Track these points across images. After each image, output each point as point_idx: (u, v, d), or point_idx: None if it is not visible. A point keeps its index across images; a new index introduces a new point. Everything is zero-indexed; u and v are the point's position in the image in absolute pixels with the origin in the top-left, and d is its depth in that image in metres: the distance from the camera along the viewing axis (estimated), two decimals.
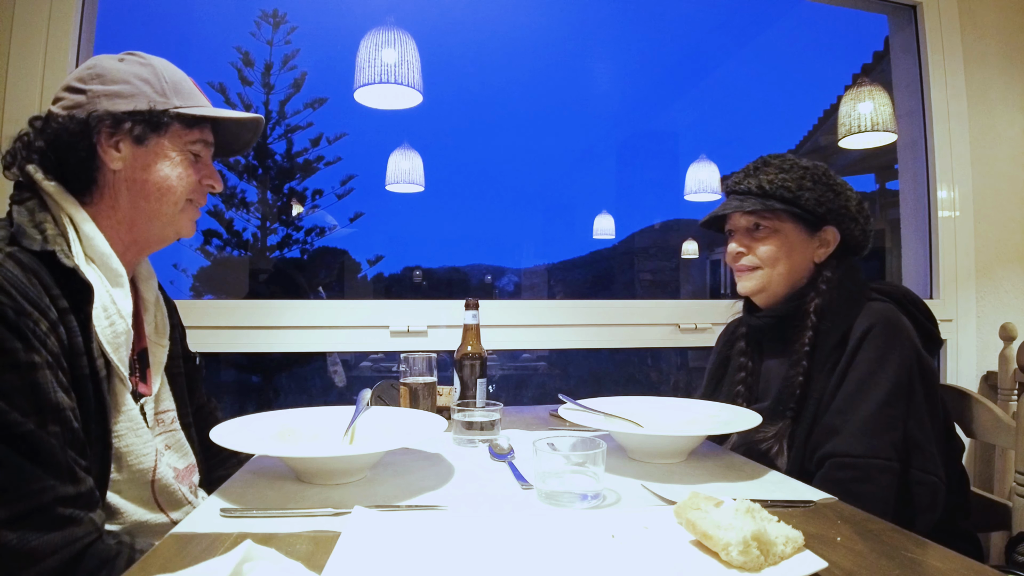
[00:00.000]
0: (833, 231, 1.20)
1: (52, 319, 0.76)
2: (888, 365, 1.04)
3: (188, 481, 1.00)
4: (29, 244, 0.79)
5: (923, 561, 0.62)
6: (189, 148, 0.96)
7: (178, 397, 1.05)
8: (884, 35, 2.47)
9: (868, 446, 0.99)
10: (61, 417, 0.73)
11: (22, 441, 0.69)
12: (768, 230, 1.20)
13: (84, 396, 0.79)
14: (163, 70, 0.94)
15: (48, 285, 0.77)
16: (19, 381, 0.70)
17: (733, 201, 1.23)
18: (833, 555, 0.62)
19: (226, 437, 0.89)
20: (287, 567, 0.55)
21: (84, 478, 0.75)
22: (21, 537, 0.67)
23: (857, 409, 1.02)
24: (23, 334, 0.71)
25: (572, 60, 16.43)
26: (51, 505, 0.70)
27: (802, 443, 1.08)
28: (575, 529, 0.67)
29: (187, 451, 1.03)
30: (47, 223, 0.83)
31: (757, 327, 1.26)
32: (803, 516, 0.75)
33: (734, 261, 1.25)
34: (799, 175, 1.18)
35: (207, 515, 0.73)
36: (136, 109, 0.89)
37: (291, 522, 0.72)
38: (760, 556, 0.57)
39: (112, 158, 0.90)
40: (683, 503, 0.65)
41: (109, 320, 0.85)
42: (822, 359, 1.11)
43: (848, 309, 1.12)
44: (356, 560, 0.58)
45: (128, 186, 0.92)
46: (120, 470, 0.85)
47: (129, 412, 0.87)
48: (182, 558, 0.61)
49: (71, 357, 0.78)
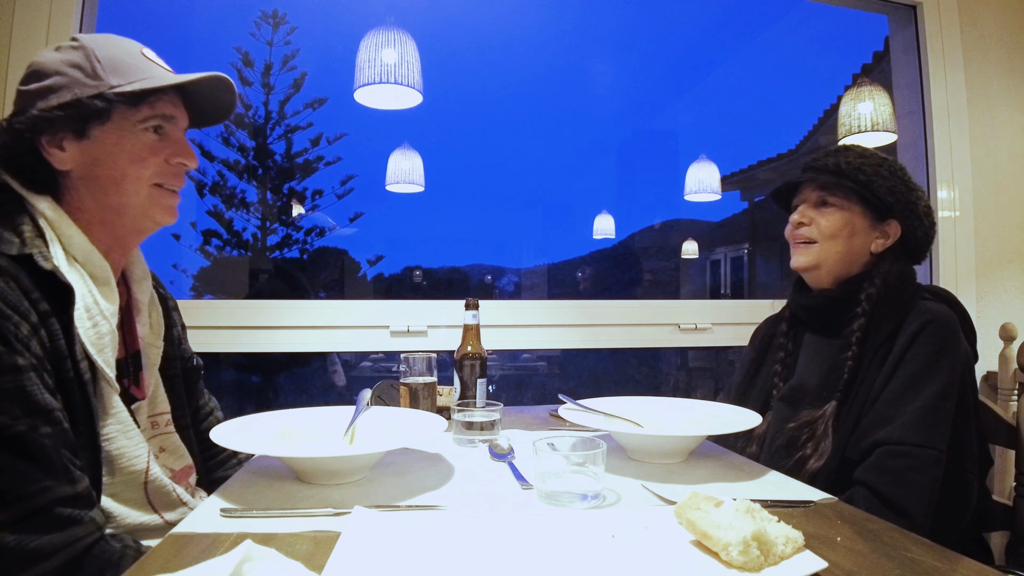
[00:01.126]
0: (896, 225, 1.19)
1: (33, 322, 0.75)
2: (943, 362, 1.03)
3: (184, 483, 0.99)
4: (7, 248, 0.77)
5: (923, 561, 0.62)
6: (143, 127, 0.87)
7: (174, 399, 1.03)
8: (884, 35, 2.47)
9: (925, 436, 0.98)
10: (51, 418, 0.72)
11: (14, 443, 0.69)
12: (834, 207, 1.19)
13: (71, 400, 0.78)
14: (96, 49, 0.85)
15: (28, 289, 0.76)
16: (6, 384, 0.69)
17: (809, 173, 1.22)
18: (833, 555, 0.62)
19: (226, 437, 0.88)
20: (287, 567, 0.55)
21: (80, 477, 0.74)
22: (20, 540, 0.66)
23: (911, 401, 1.02)
24: (5, 337, 0.71)
25: (572, 60, 16.45)
26: (50, 506, 0.70)
27: (849, 429, 1.06)
28: (575, 529, 0.67)
29: (183, 453, 1.01)
30: (25, 225, 0.81)
31: (807, 306, 1.25)
32: (803, 516, 0.75)
33: (794, 230, 1.23)
34: (877, 163, 1.19)
35: (207, 515, 0.73)
36: (64, 102, 0.82)
37: (291, 522, 0.72)
38: (760, 556, 0.57)
39: (58, 159, 0.84)
40: (683, 503, 0.65)
41: (92, 321, 0.83)
42: (872, 349, 1.10)
43: (901, 304, 1.12)
44: (356, 560, 0.58)
45: (85, 184, 0.86)
46: (112, 473, 0.84)
47: (118, 415, 0.85)
48: (182, 558, 0.61)
49: (55, 360, 0.77)
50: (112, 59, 0.85)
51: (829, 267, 1.20)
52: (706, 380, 5.39)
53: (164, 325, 1.02)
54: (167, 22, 5.20)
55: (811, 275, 1.24)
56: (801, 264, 1.23)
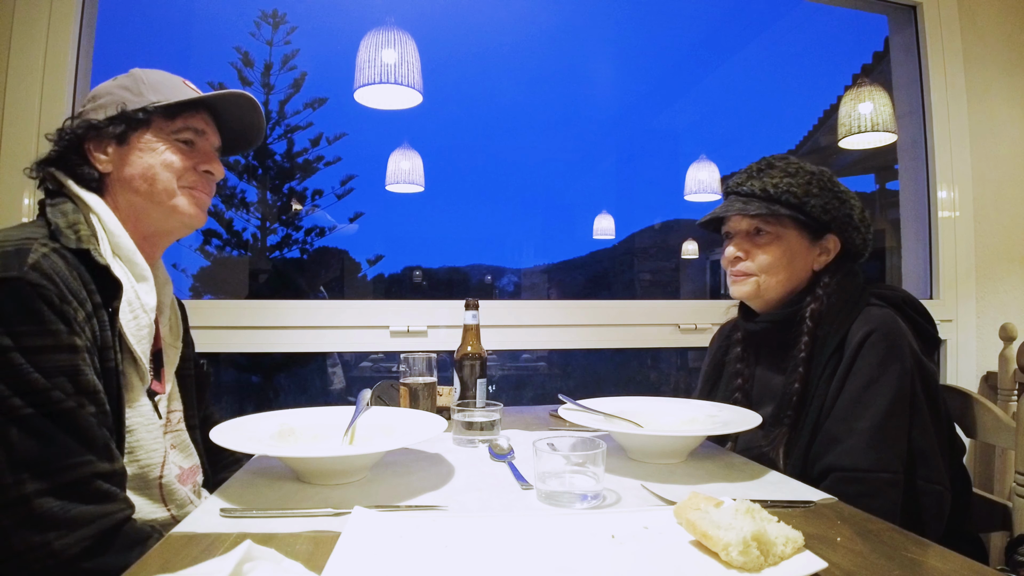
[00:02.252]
0: (835, 239, 1.17)
1: (88, 311, 0.82)
2: (889, 374, 1.01)
3: (192, 482, 1.01)
4: (66, 242, 0.84)
5: (923, 561, 0.62)
6: (176, 137, 0.98)
7: (186, 399, 1.08)
8: (884, 35, 2.47)
9: (875, 460, 0.97)
10: (97, 399, 0.79)
11: (63, 417, 0.75)
12: (770, 236, 1.17)
13: (107, 388, 0.83)
14: (144, 75, 0.98)
15: (86, 280, 0.83)
16: (63, 362, 0.76)
17: (736, 203, 1.18)
18: (833, 555, 0.62)
19: (226, 437, 0.89)
20: (287, 567, 0.55)
21: (118, 456, 0.81)
22: (63, 506, 0.72)
23: (860, 419, 1.00)
24: (67, 319, 0.77)
25: (572, 59, 16.44)
26: (91, 479, 0.75)
27: (803, 451, 1.06)
28: (575, 529, 0.67)
29: (192, 452, 1.05)
30: (80, 224, 0.89)
31: (753, 332, 1.24)
32: (803, 516, 0.75)
33: (731, 265, 1.21)
34: (806, 180, 1.15)
35: (207, 515, 0.74)
36: (111, 115, 0.94)
37: (291, 522, 0.72)
38: (760, 556, 0.57)
39: (100, 161, 0.95)
40: (683, 503, 0.65)
41: (134, 314, 0.90)
42: (820, 366, 1.09)
43: (845, 314, 1.10)
44: (356, 560, 0.58)
45: (121, 184, 0.95)
46: (130, 464, 0.88)
47: (143, 408, 0.91)
48: (182, 558, 0.61)
49: (101, 350, 0.83)
50: (156, 83, 0.98)
51: (770, 295, 1.19)
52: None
53: (182, 329, 1.09)
54: (167, 22, 5.20)
55: (754, 303, 1.24)
56: (742, 295, 1.22)
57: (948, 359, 2.21)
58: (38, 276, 0.76)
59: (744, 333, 1.28)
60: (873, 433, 0.98)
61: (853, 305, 1.12)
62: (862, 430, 0.99)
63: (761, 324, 1.21)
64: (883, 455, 0.97)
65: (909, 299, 1.17)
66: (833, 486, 0.97)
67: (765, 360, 1.25)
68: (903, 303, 1.15)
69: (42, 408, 0.73)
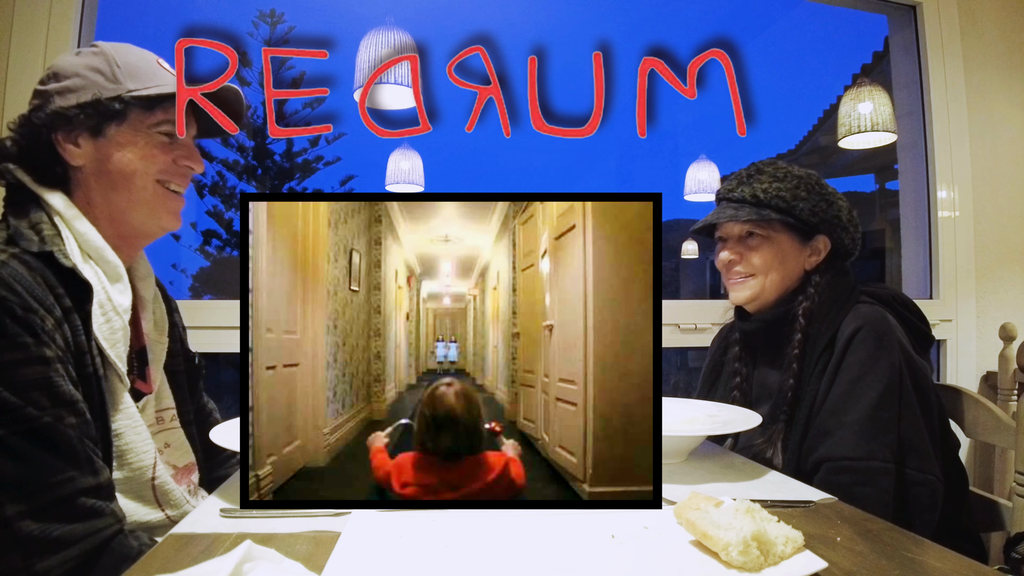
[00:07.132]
0: (824, 240, 1.21)
1: (57, 317, 0.77)
2: (877, 368, 1.04)
3: (187, 480, 0.99)
4: (27, 245, 0.79)
5: (923, 561, 0.62)
6: (156, 131, 0.91)
7: (178, 395, 1.04)
8: (884, 35, 2.47)
9: (865, 449, 1.00)
10: (75, 410, 0.75)
11: (41, 433, 0.71)
12: (761, 239, 1.21)
13: (88, 394, 0.80)
14: (116, 56, 0.90)
15: (52, 284, 0.78)
16: (34, 375, 0.72)
17: (728, 209, 1.22)
18: (833, 555, 0.62)
19: (226, 437, 0.88)
20: (287, 567, 0.55)
21: (103, 468, 0.77)
22: (43, 528, 0.69)
23: (850, 411, 1.03)
24: (33, 330, 0.73)
25: (572, 59, 16.45)
26: (74, 496, 0.72)
27: (796, 446, 1.08)
28: (575, 529, 0.67)
29: (187, 449, 1.02)
30: (43, 223, 0.84)
31: (749, 332, 1.27)
32: (803, 516, 0.75)
33: (727, 269, 1.25)
34: (794, 184, 1.19)
35: (207, 515, 0.73)
36: (84, 101, 0.86)
37: (291, 522, 0.71)
38: (760, 556, 0.57)
39: (72, 154, 0.88)
40: (683, 503, 0.65)
41: (106, 317, 0.85)
42: (812, 362, 1.12)
43: (836, 312, 1.14)
44: (356, 560, 0.58)
45: (95, 180, 0.90)
46: (120, 468, 0.85)
47: (127, 410, 0.87)
48: (182, 558, 0.61)
49: (76, 355, 0.79)
50: (130, 65, 0.90)
51: (766, 296, 1.23)
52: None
53: (168, 322, 1.04)
54: (165, 22, 5.19)
55: (751, 305, 1.26)
56: (741, 299, 1.25)
57: (948, 359, 2.21)
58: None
59: (740, 333, 1.31)
60: (863, 424, 1.01)
61: (844, 303, 1.15)
62: (852, 422, 1.02)
63: (756, 323, 1.25)
64: (873, 445, 1.00)
65: (899, 296, 1.20)
66: (826, 477, 1.00)
67: (762, 359, 1.28)
68: (893, 300, 1.18)
69: (17, 427, 0.70)
